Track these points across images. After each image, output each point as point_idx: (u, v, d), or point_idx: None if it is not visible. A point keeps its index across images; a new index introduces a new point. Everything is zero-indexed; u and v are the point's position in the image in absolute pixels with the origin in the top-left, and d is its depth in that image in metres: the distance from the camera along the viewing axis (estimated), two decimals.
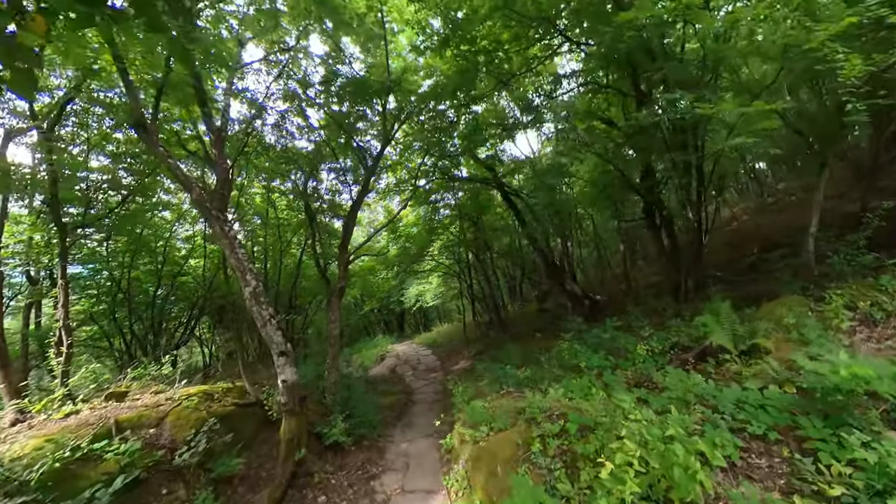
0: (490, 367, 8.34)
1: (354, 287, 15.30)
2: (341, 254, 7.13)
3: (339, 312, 7.27)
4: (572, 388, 5.75)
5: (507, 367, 7.66)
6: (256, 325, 5.64)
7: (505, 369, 7.65)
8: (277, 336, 5.52)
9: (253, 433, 5.79)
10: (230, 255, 5.60)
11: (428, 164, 10.48)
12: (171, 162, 5.48)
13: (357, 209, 7.68)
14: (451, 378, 10.91)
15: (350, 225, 7.53)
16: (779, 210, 14.44)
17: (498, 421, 4.99)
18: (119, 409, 5.14)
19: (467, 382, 8.38)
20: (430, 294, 18.18)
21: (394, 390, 9.90)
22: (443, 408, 8.68)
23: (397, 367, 13.05)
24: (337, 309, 7.19)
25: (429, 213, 12.87)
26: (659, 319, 8.62)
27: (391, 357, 14.58)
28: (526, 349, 10.22)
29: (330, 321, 7.13)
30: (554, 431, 4.10)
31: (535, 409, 4.71)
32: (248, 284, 5.55)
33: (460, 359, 12.30)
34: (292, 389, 5.54)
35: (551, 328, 12.61)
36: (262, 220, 12.09)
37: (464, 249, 14.13)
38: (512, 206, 12.28)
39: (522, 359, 9.24)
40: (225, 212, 5.84)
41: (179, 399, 5.32)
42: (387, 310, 22.98)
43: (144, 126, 5.38)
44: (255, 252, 12.59)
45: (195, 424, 4.95)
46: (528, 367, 8.18)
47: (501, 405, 6.00)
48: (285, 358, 5.55)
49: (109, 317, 11.55)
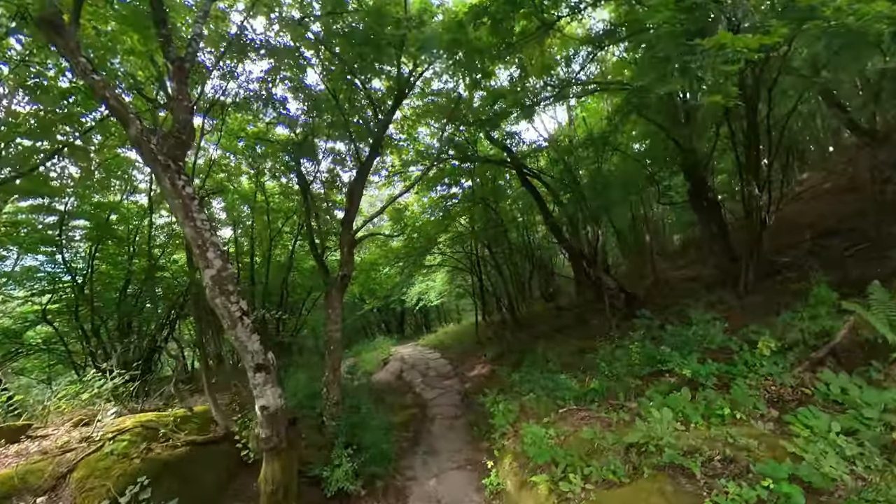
0: (530, 376, 6.48)
1: (355, 283, 13.34)
2: (344, 232, 5.25)
3: (342, 309, 5.35)
4: (676, 404, 3.92)
5: (561, 377, 5.79)
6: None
7: (556, 378, 5.78)
8: (253, 342, 3.61)
9: (219, 483, 3.83)
10: (184, 221, 3.69)
11: (443, 138, 8.62)
12: (98, 80, 3.54)
13: (366, 174, 5.82)
14: (469, 384, 9.05)
15: (357, 193, 5.63)
16: (812, 197, 12.94)
17: (593, 464, 3.13)
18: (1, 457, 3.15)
19: (498, 393, 6.51)
20: (433, 293, 16.26)
21: (405, 403, 7.98)
22: (467, 425, 6.78)
23: (404, 372, 11.10)
24: (338, 304, 5.30)
25: (441, 198, 10.98)
26: (728, 314, 6.86)
27: (395, 361, 12.62)
28: (559, 351, 8.39)
29: (328, 320, 5.23)
30: (749, 500, 2.24)
31: (667, 447, 2.86)
32: (209, 266, 3.64)
33: (475, 363, 10.41)
34: (275, 418, 3.63)
35: (576, 327, 10.81)
36: (250, 208, 10.07)
37: (474, 242, 12.27)
38: (532, 190, 10.49)
39: (563, 363, 7.40)
40: (180, 162, 3.91)
41: (102, 439, 3.34)
42: (387, 309, 20.96)
43: (55, 24, 3.45)
44: (242, 242, 10.54)
45: (118, 483, 2.98)
46: (579, 373, 6.35)
47: (573, 433, 4.15)
48: (264, 374, 3.64)
49: (70, 316, 9.43)
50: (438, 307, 20.20)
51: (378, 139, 5.79)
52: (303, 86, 6.59)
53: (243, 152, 7.94)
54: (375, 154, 5.93)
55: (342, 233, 5.31)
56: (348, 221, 5.36)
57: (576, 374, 6.52)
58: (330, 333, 5.15)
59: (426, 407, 7.88)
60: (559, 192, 10.25)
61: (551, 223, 10.32)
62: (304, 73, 6.76)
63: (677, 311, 8.36)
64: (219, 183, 10.25)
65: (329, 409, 4.96)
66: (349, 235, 5.23)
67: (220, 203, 11.40)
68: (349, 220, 5.37)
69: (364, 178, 5.81)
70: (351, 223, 5.36)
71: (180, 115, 4.27)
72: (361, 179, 5.72)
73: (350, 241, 5.27)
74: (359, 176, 5.72)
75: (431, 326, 21.15)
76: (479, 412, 6.87)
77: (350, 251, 5.31)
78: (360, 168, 5.73)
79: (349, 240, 5.24)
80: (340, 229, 5.41)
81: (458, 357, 11.47)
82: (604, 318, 10.18)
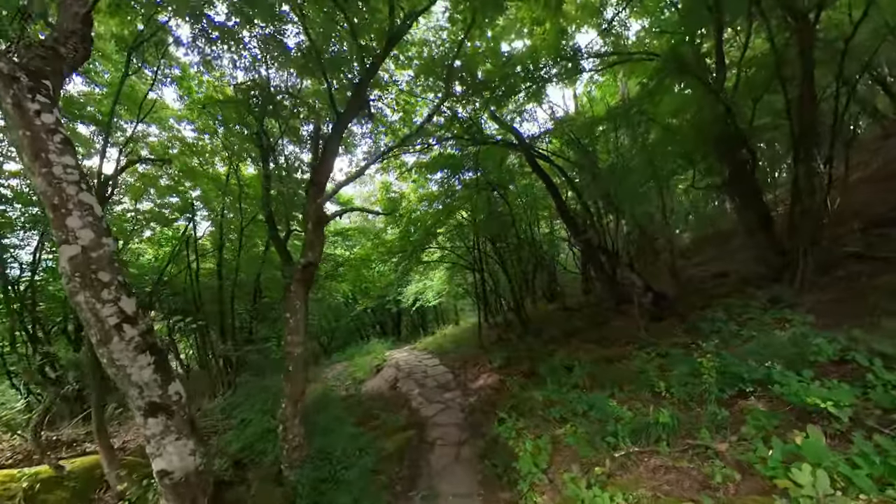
0: (556, 395, 4.96)
1: (345, 280, 11.78)
2: (310, 201, 3.70)
3: (306, 312, 3.79)
4: (816, 455, 2.43)
5: (601, 398, 4.28)
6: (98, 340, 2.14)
7: (595, 400, 4.27)
8: (141, 367, 2.08)
9: None
10: (33, 164, 2.17)
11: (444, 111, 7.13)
12: None
13: (343, 127, 4.26)
14: (473, 398, 7.50)
15: (331, 151, 4.08)
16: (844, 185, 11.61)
17: None
18: None
19: (516, 416, 4.98)
20: (431, 292, 14.69)
21: (398, 422, 6.42)
22: (475, 456, 5.24)
23: (399, 381, 9.54)
24: (300, 306, 3.71)
25: (441, 191, 9.46)
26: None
27: (389, 367, 11.04)
28: (580, 360, 6.88)
29: (287, 330, 3.66)
30: None
31: None
32: (70, 239, 2.09)
33: (480, 371, 8.87)
34: (185, 488, 2.07)
35: (592, 330, 9.31)
36: (222, 193, 8.48)
37: (476, 236, 10.75)
38: (543, 175, 9.02)
39: (588, 375, 5.90)
40: (45, 80, 2.38)
41: None
42: (382, 310, 19.33)
43: None
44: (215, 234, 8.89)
45: None
46: (617, 390, 4.84)
47: (653, 500, 2.64)
48: (164, 419, 2.09)
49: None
50: (436, 307, 18.65)
51: (363, 84, 4.25)
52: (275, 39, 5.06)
53: (201, 116, 6.38)
54: (359, 105, 4.39)
55: (308, 202, 3.76)
56: (317, 186, 3.81)
57: (614, 391, 5.02)
58: (288, 348, 3.59)
59: (424, 427, 6.33)
60: (575, 177, 8.80)
61: (565, 213, 8.85)
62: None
63: (719, 312, 6.92)
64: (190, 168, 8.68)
65: (288, 454, 3.42)
66: (316, 204, 3.69)
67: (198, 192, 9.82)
68: (318, 185, 3.83)
69: (340, 133, 4.27)
70: (320, 189, 3.82)
71: (67, 20, 2.74)
72: (337, 135, 4.18)
73: (318, 214, 3.71)
74: (335, 130, 4.18)
75: (429, 328, 19.56)
76: (489, 437, 5.35)
77: (318, 229, 3.76)
78: (338, 119, 4.19)
79: (316, 211, 3.70)
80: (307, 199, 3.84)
81: (460, 364, 9.93)
82: (626, 320, 8.73)
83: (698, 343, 4.90)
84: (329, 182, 4.30)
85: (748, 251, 11.12)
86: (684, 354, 5.01)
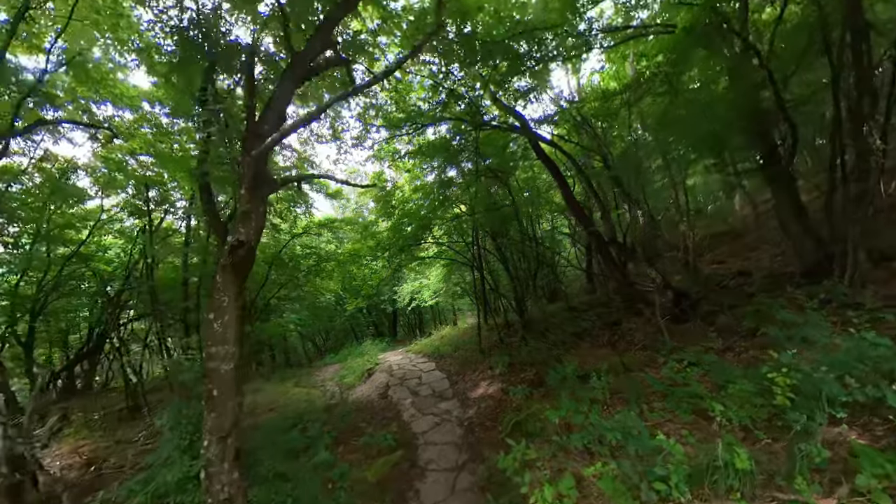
0: (577, 418, 3.94)
1: (333, 279, 10.76)
2: (246, 153, 2.64)
3: (239, 314, 2.72)
4: None
5: (642, 427, 3.27)
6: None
7: (627, 425, 3.26)
8: None
9: None
10: None
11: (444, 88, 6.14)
12: None
13: (302, 67, 3.19)
14: (472, 411, 6.46)
15: (281, 99, 3.02)
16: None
17: None
18: None
19: (524, 441, 3.97)
20: (427, 292, 13.68)
21: (384, 441, 5.40)
22: (476, 488, 4.24)
23: (390, 388, 8.53)
24: (230, 303, 2.63)
25: (440, 168, 8.45)
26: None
27: (382, 372, 10.03)
28: (596, 368, 5.88)
29: (208, 337, 2.62)
30: None
31: None
32: None
33: (479, 378, 7.87)
34: None
35: (602, 332, 8.29)
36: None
37: (475, 231, 9.75)
38: (548, 162, 8.03)
39: (611, 389, 4.90)
40: None
41: None
42: (377, 310, 18.28)
43: None
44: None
45: None
46: (649, 411, 3.85)
47: None
48: None
49: None
50: (433, 307, 17.62)
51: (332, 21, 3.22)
52: None
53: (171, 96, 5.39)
54: (323, 44, 3.33)
55: (243, 154, 2.71)
56: (253, 136, 2.78)
57: (641, 408, 4.02)
58: (211, 363, 2.54)
59: (416, 447, 5.31)
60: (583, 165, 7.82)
61: (574, 204, 7.86)
62: None
63: (754, 312, 5.94)
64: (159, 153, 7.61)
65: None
66: (250, 159, 2.66)
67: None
68: (255, 135, 2.78)
69: (297, 78, 3.22)
70: (259, 140, 2.77)
71: None
72: (292, 78, 3.14)
73: (255, 172, 2.68)
74: (289, 70, 3.14)
75: (425, 328, 18.53)
76: (491, 464, 4.34)
77: (254, 194, 2.71)
78: (294, 59, 3.16)
79: (252, 169, 2.67)
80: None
81: (457, 369, 8.93)
82: (641, 322, 7.73)
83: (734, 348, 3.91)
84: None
85: (769, 248, 10.20)
86: (735, 364, 4.01)
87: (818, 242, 6.27)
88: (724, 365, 4.49)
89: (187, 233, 7.61)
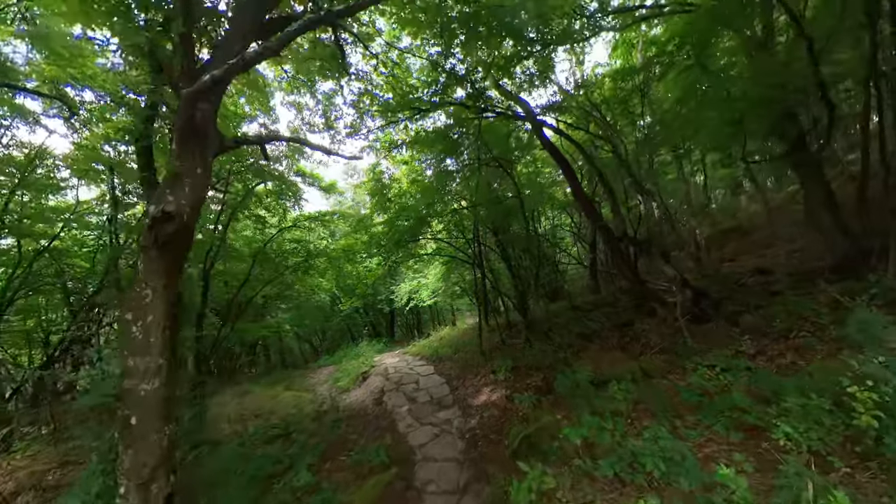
0: (605, 437, 3.31)
1: (325, 276, 10.09)
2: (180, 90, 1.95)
3: (167, 311, 2.03)
4: None
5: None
6: None
7: (687, 455, 2.63)
8: None
9: None
10: None
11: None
12: None
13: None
14: (475, 420, 5.78)
15: (235, 31, 2.38)
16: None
17: None
18: None
19: (538, 467, 3.33)
20: (426, 291, 13.03)
21: (376, 457, 4.76)
22: None
23: (385, 393, 7.89)
24: (153, 299, 1.89)
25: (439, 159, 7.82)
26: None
27: (377, 375, 9.39)
28: (610, 374, 5.26)
29: (126, 345, 1.92)
30: None
31: None
32: None
33: (481, 383, 7.24)
34: None
35: (612, 333, 7.67)
36: None
37: (474, 225, 9.13)
38: (555, 153, 7.42)
39: (634, 400, 4.28)
40: None
41: None
42: (374, 310, 17.60)
43: None
44: None
45: None
46: (692, 430, 3.22)
47: None
48: None
49: None
50: (432, 307, 16.97)
51: None
52: None
53: None
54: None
55: (180, 106, 2.03)
56: (187, 74, 2.13)
57: (674, 423, 3.40)
58: (128, 382, 1.86)
59: (412, 464, 4.67)
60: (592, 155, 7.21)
61: (583, 198, 7.24)
62: None
63: (784, 311, 5.34)
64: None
65: None
66: (186, 103, 1.99)
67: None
68: (190, 73, 2.15)
69: (259, 6, 2.59)
70: (192, 79, 2.11)
71: None
72: (250, 7, 2.50)
73: (186, 116, 2.01)
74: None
75: (424, 329, 17.87)
76: (498, 485, 3.71)
77: (185, 146, 2.08)
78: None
79: (184, 111, 1.99)
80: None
81: (457, 373, 8.29)
82: (654, 323, 7.12)
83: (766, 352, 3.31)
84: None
85: (782, 244, 9.61)
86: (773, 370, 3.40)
87: (848, 235, 5.68)
88: (765, 372, 3.88)
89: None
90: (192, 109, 2.04)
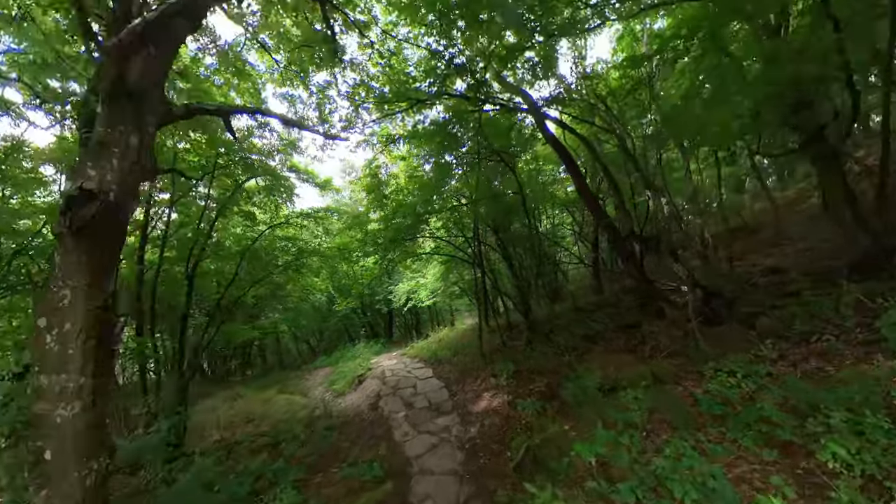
0: (623, 456, 2.95)
1: (320, 276, 9.72)
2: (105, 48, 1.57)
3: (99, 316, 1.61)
4: None
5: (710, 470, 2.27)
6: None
7: (705, 480, 2.27)
8: None
9: None
10: None
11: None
12: None
13: None
14: (475, 428, 5.41)
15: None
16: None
17: None
18: None
19: (554, 484, 2.98)
20: (424, 291, 12.68)
21: (370, 471, 4.39)
22: None
23: (381, 398, 7.53)
24: (74, 298, 1.50)
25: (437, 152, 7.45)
26: None
27: (374, 378, 9.03)
28: (619, 378, 4.91)
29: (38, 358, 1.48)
30: None
31: None
32: None
33: (482, 388, 6.89)
34: None
35: (617, 336, 7.32)
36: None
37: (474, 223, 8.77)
38: (558, 147, 7.07)
39: (649, 409, 3.93)
40: None
41: None
42: (372, 310, 17.23)
43: None
44: None
45: None
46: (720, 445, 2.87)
47: None
48: None
49: None
50: (431, 308, 16.60)
51: None
52: None
53: None
54: None
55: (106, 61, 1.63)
56: (121, 19, 1.78)
57: (697, 437, 3.04)
58: (40, 406, 1.39)
59: (408, 478, 4.31)
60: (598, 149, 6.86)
61: (587, 194, 6.89)
62: None
63: (804, 313, 4.99)
64: None
65: None
66: (115, 55, 1.60)
67: None
68: (124, 17, 1.79)
69: None
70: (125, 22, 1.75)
71: None
72: None
73: (114, 73, 1.65)
74: None
75: (423, 330, 17.51)
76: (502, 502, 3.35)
77: (113, 105, 1.70)
78: None
79: (111, 67, 1.62)
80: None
81: (456, 376, 7.94)
82: (663, 325, 6.77)
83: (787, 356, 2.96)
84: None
85: (791, 243, 9.28)
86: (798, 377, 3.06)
87: (868, 232, 5.35)
88: (792, 380, 3.53)
89: (146, 215, 6.56)
90: (120, 65, 1.65)
